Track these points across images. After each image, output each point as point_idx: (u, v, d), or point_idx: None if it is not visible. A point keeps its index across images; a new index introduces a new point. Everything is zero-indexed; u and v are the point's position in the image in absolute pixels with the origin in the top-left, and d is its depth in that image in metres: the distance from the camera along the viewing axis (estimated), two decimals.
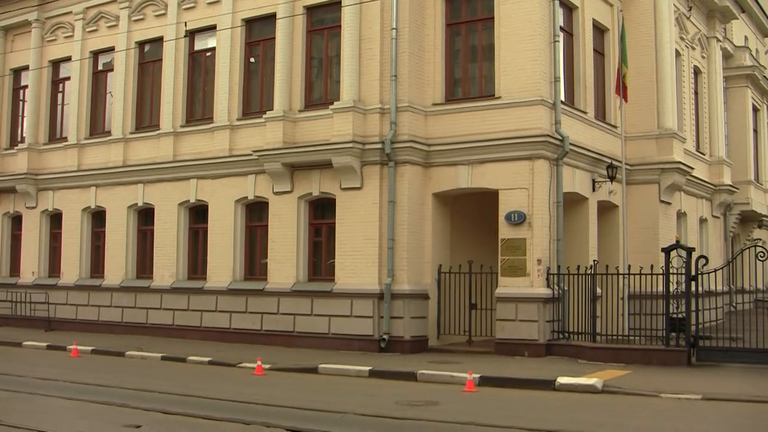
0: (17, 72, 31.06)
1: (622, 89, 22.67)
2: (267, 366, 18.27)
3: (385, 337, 21.02)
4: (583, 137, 22.49)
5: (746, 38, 38.37)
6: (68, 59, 28.95)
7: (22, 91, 30.98)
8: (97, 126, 28.35)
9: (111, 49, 27.70)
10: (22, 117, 30.82)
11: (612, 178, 22.84)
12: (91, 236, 28.21)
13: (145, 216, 26.78)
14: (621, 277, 20.90)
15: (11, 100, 31.30)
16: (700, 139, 30.18)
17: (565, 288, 20.44)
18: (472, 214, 23.36)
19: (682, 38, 27.96)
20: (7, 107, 31.27)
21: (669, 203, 25.57)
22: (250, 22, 24.50)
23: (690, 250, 18.63)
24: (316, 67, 23.64)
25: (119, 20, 27.42)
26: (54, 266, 29.11)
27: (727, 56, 33.70)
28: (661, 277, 18.80)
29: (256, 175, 23.58)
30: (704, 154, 30.26)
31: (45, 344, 23.46)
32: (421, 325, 21.51)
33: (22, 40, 30.43)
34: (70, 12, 28.85)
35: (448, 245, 22.54)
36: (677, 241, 19.61)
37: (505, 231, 20.62)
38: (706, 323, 21.47)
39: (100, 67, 28.71)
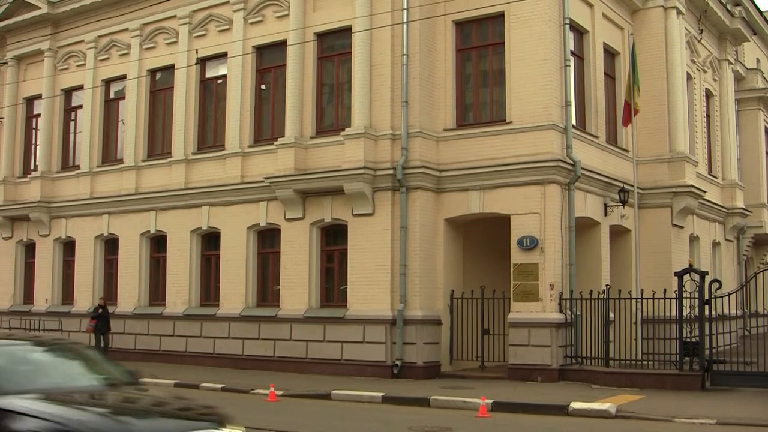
0: (30, 100, 31.25)
1: (631, 114, 22.74)
2: (280, 392, 18.22)
3: (398, 362, 20.95)
4: (594, 161, 22.47)
5: (758, 60, 38.36)
6: (80, 87, 29.15)
7: (34, 120, 31.17)
8: (109, 154, 28.49)
9: (123, 77, 27.88)
10: (35, 145, 30.97)
11: (624, 203, 22.81)
12: (103, 264, 28.26)
13: (158, 243, 26.83)
14: (634, 301, 20.80)
15: (24, 128, 31.44)
16: (713, 162, 30.13)
17: (578, 313, 20.34)
18: (484, 239, 23.30)
19: (693, 61, 27.98)
20: (20, 136, 31.43)
21: (681, 227, 25.47)
22: (261, 49, 24.63)
23: (703, 274, 18.53)
24: (326, 93, 23.71)
25: (131, 48, 27.61)
26: (67, 294, 29.15)
27: (739, 79, 33.71)
28: (674, 301, 18.70)
29: (267, 201, 23.61)
30: (717, 178, 30.20)
31: None
32: (434, 350, 21.44)
33: (35, 69, 30.66)
34: (82, 41, 29.02)
35: (461, 271, 22.49)
36: (690, 265, 19.56)
37: (517, 256, 20.57)
38: (720, 347, 21.28)
39: (112, 95, 28.90)
